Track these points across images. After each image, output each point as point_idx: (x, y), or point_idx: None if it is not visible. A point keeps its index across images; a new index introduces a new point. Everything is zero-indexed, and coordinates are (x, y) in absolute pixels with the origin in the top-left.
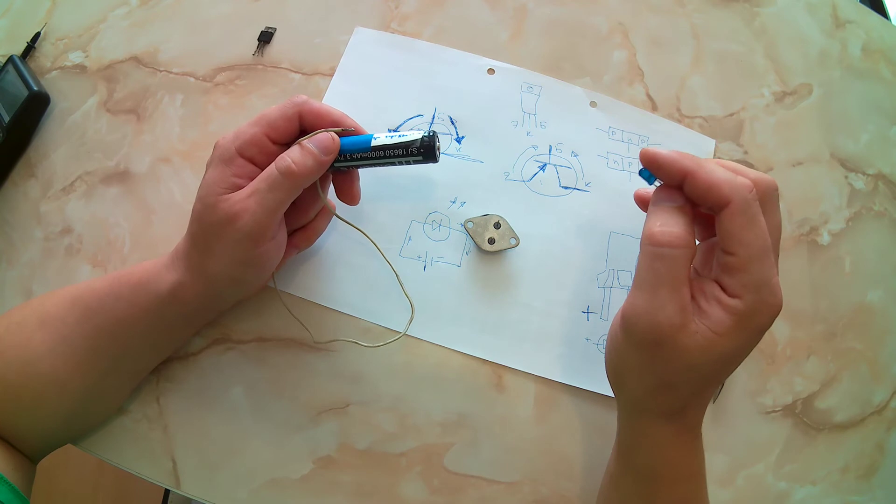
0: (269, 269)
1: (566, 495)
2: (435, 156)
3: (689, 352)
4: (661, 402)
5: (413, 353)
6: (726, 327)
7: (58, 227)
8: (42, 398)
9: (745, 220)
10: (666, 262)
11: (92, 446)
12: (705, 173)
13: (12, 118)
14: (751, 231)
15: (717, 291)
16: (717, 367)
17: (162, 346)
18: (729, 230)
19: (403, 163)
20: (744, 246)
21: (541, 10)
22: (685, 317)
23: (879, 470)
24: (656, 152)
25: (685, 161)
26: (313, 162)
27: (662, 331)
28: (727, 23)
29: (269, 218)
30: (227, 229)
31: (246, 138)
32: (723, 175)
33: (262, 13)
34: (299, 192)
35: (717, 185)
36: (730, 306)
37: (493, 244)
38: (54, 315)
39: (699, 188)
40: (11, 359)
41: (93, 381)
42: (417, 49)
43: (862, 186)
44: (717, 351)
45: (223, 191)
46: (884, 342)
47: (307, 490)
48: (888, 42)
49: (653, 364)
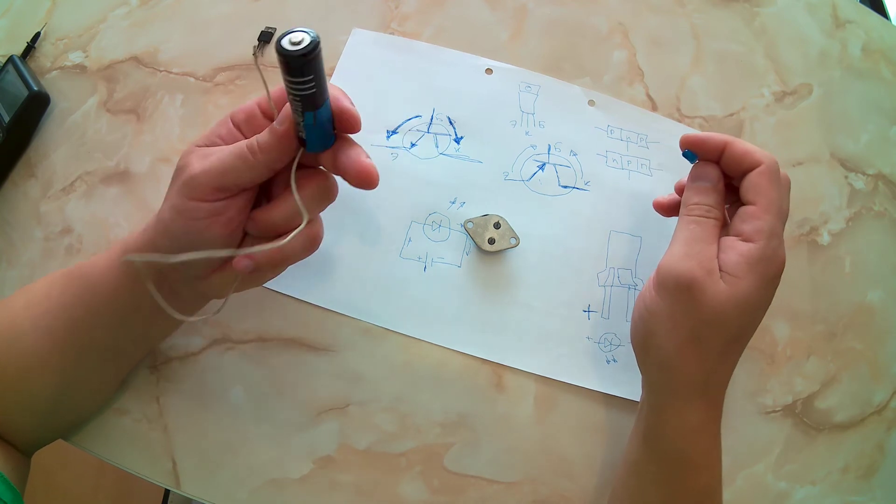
0: (198, 236)
1: (566, 495)
2: (290, 56)
3: (715, 298)
4: (689, 362)
5: (413, 353)
6: (742, 268)
7: (58, 227)
8: (26, 376)
9: (771, 178)
10: (701, 226)
11: (92, 446)
12: (740, 143)
13: (12, 118)
14: (774, 188)
15: (733, 241)
16: (740, 320)
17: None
18: (757, 184)
19: (298, 88)
20: (766, 197)
21: (541, 10)
22: (713, 265)
23: (879, 470)
24: (696, 134)
25: (721, 136)
26: (270, 135)
27: (694, 275)
28: (727, 23)
29: (216, 175)
30: (180, 171)
31: (241, 106)
32: (753, 146)
33: (262, 13)
34: (261, 173)
35: (752, 151)
36: (743, 251)
37: (493, 244)
38: (40, 292)
39: (737, 154)
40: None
41: (71, 358)
42: (415, 50)
43: (862, 186)
44: (737, 297)
45: (203, 143)
46: (884, 342)
47: (307, 490)
48: (888, 42)
49: (684, 314)
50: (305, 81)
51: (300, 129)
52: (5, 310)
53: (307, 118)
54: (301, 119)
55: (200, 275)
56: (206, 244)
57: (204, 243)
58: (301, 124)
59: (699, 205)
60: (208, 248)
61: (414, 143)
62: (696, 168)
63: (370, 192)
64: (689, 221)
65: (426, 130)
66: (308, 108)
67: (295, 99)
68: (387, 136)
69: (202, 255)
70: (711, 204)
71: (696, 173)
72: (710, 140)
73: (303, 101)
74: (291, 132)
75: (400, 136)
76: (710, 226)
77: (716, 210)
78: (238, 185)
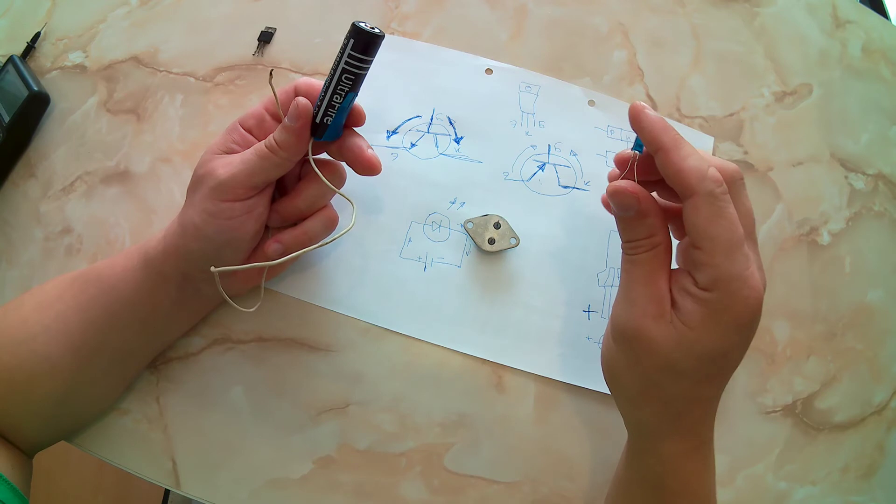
0: (233, 233)
1: (566, 495)
2: (369, 34)
3: (664, 345)
4: (654, 405)
5: (413, 353)
6: (696, 320)
7: (58, 227)
8: (34, 379)
9: (711, 212)
10: (637, 265)
11: (92, 446)
12: (677, 156)
13: (12, 118)
14: (717, 224)
15: (689, 284)
16: (699, 366)
17: (148, 323)
18: (694, 222)
19: (357, 66)
20: (709, 240)
21: (541, 10)
22: (659, 307)
23: (879, 470)
24: (643, 111)
25: (664, 135)
26: (286, 133)
27: (637, 323)
28: (727, 23)
29: (245, 176)
30: (206, 178)
31: (248, 112)
32: (694, 164)
33: (262, 13)
34: (285, 167)
35: (685, 173)
36: (700, 298)
37: (494, 244)
38: (51, 294)
39: (668, 169)
40: (6, 340)
41: (83, 359)
42: (415, 50)
43: (862, 186)
44: (691, 346)
45: (219, 151)
46: (884, 342)
47: (307, 490)
48: (888, 42)
49: (637, 362)
50: (368, 61)
51: (327, 115)
52: (16, 312)
53: (347, 100)
54: (340, 101)
55: (228, 273)
56: (240, 240)
57: (238, 240)
58: (336, 107)
59: (629, 242)
60: (242, 244)
61: (414, 143)
62: (613, 193)
63: (370, 192)
64: (624, 262)
65: (426, 130)
66: (352, 90)
67: (348, 77)
68: (387, 136)
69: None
70: (641, 236)
71: (614, 201)
72: (648, 130)
73: (354, 80)
74: (307, 127)
75: (400, 136)
76: (648, 261)
77: (650, 240)
78: (266, 181)
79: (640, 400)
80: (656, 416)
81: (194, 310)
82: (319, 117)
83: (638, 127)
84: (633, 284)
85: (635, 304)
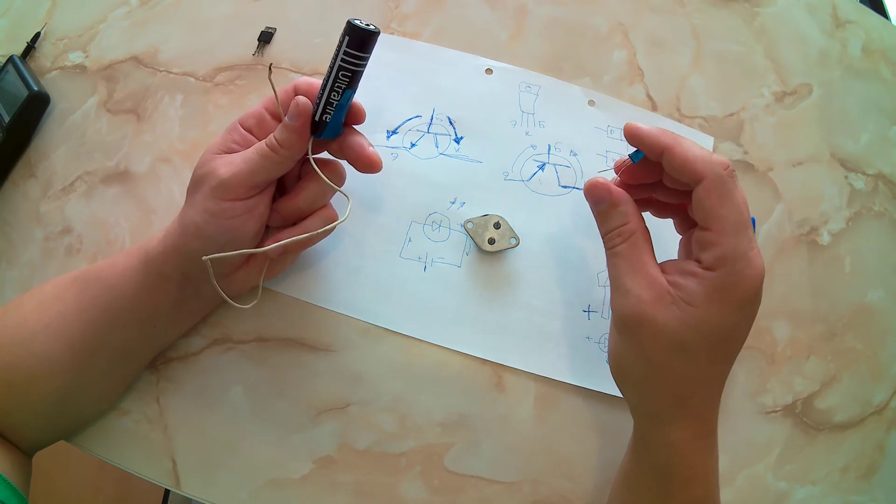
0: (234, 233)
1: (566, 495)
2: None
3: (668, 325)
4: (661, 390)
5: (413, 353)
6: (701, 298)
7: (58, 227)
8: (34, 379)
9: (719, 195)
10: (621, 257)
11: (92, 447)
12: (681, 149)
13: (12, 118)
14: (725, 206)
15: (693, 266)
16: (705, 344)
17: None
18: (703, 205)
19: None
20: (718, 220)
21: (541, 10)
22: (655, 292)
23: (879, 470)
24: (638, 127)
25: (664, 137)
26: (287, 132)
27: (636, 310)
28: (727, 23)
29: (247, 175)
30: (207, 178)
31: (248, 111)
32: (698, 152)
33: (262, 13)
34: (286, 166)
35: (691, 161)
36: (704, 277)
37: (494, 244)
38: (51, 294)
39: (675, 165)
40: (6, 340)
41: (83, 359)
42: (414, 50)
43: (862, 186)
44: (698, 324)
45: (219, 151)
46: (884, 342)
47: (307, 490)
48: (888, 42)
49: (642, 349)
50: (364, 58)
51: (326, 113)
52: (16, 312)
53: (345, 97)
54: (338, 98)
55: (227, 272)
56: (241, 240)
57: (239, 239)
58: (335, 104)
59: (607, 234)
60: (243, 244)
61: (414, 143)
62: (587, 191)
63: (370, 192)
64: (609, 258)
65: (426, 130)
66: (350, 87)
67: (345, 75)
68: (387, 137)
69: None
70: (617, 224)
71: (589, 198)
72: (650, 140)
73: (352, 77)
74: (307, 126)
75: (400, 136)
76: (629, 249)
77: (626, 226)
78: (267, 180)
79: (646, 387)
80: (664, 402)
81: (194, 310)
82: (318, 115)
83: (638, 141)
84: (622, 276)
85: (630, 294)
